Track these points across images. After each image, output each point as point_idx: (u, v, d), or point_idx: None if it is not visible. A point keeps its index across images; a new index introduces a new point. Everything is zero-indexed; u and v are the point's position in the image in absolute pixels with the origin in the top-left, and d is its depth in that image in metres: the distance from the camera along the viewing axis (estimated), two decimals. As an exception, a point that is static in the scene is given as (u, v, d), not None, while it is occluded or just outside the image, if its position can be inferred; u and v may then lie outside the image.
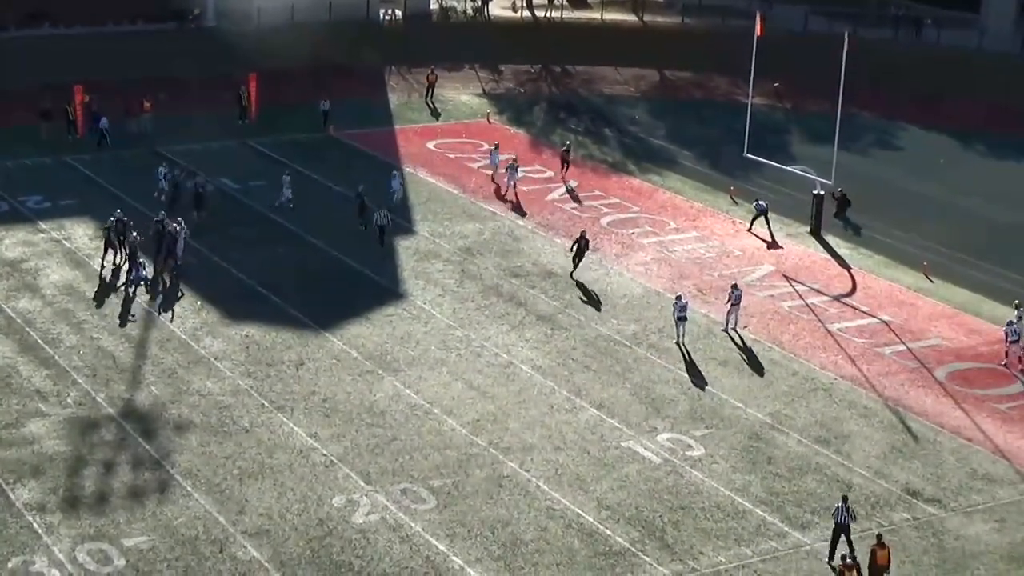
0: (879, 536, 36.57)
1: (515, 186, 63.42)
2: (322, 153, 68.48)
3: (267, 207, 60.53)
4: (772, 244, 59.54)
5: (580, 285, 54.63)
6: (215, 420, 43.38)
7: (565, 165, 66.79)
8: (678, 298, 50.03)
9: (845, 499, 37.96)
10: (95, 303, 50.87)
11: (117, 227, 53.88)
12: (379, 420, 43.80)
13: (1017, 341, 49.23)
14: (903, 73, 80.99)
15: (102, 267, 53.64)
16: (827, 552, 37.66)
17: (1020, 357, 49.21)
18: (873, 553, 36.08)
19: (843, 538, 37.50)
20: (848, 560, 36.02)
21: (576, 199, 63.90)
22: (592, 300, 53.29)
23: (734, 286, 51.25)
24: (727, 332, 50.69)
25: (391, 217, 57.60)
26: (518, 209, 61.95)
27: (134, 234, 53.43)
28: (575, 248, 55.23)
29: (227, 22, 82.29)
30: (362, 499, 39.38)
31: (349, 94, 75.45)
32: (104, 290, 52.04)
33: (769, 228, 60.74)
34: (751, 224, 61.02)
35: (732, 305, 50.88)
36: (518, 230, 59.90)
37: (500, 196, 63.34)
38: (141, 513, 38.30)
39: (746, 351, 49.50)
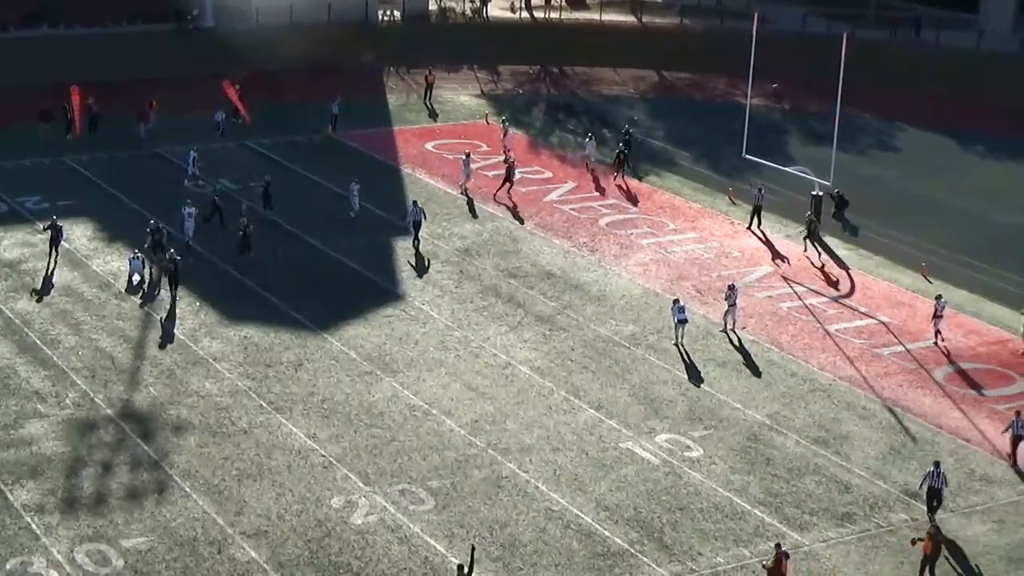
0: (933, 528, 37.27)
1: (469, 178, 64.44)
2: (321, 154, 68.42)
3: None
4: (767, 243, 59.67)
5: (627, 190, 64.25)
6: (213, 421, 43.37)
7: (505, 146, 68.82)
8: (675, 302, 50.08)
9: (937, 464, 39.70)
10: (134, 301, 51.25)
11: (155, 236, 53.84)
12: (378, 421, 43.79)
13: (942, 317, 50.42)
14: (901, 74, 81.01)
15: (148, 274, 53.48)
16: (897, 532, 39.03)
17: (938, 331, 50.60)
18: (934, 542, 36.95)
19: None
20: (931, 529, 37.16)
21: (510, 173, 64.49)
22: (631, 198, 60.51)
23: (731, 287, 51.28)
24: (725, 332, 50.70)
25: (424, 212, 58.10)
26: (514, 212, 62.05)
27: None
28: (618, 160, 65.24)
29: (226, 22, 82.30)
30: (361, 500, 39.37)
31: (347, 95, 75.40)
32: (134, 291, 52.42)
33: (760, 222, 60.90)
34: (750, 221, 61.09)
35: (729, 306, 50.90)
36: (517, 231, 59.88)
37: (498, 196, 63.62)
38: (139, 514, 38.29)
39: (744, 352, 49.51)
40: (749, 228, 60.93)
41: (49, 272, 53.20)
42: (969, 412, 45.87)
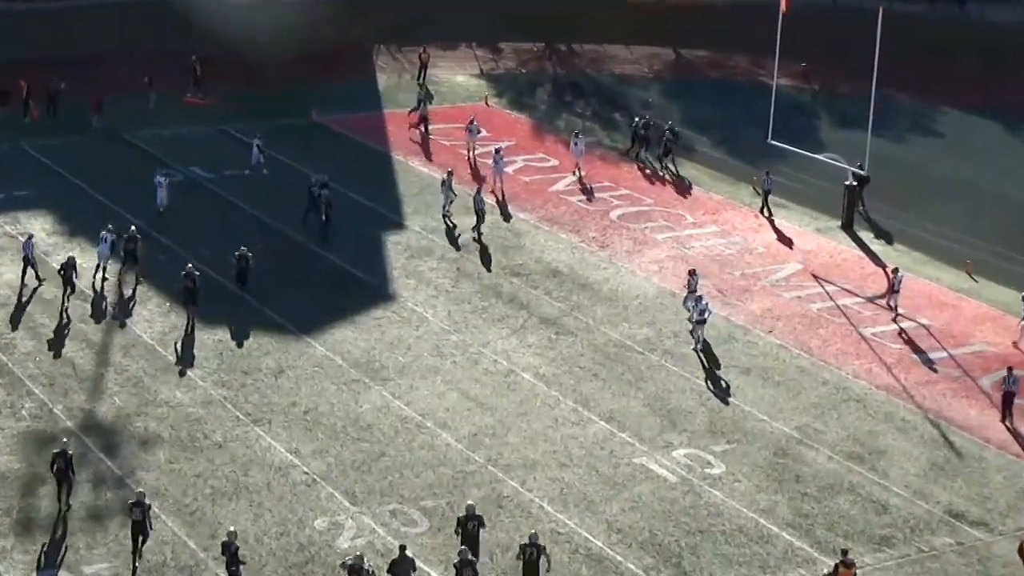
0: None
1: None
2: (303, 140, 68.40)
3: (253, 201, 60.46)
4: (777, 232, 59.92)
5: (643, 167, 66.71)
6: (185, 434, 43.30)
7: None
8: (699, 299, 50.04)
9: (1010, 369, 45.11)
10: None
11: (128, 244, 53.21)
12: (366, 434, 43.73)
13: (899, 292, 52.64)
14: (944, 51, 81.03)
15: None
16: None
17: (895, 306, 52.65)
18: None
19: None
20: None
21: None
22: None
23: (691, 272, 52.17)
24: (689, 321, 50.61)
25: (484, 203, 59.02)
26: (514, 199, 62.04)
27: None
28: (634, 140, 68.33)
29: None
30: (347, 521, 39.31)
31: (333, 75, 75.45)
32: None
33: (769, 211, 61.45)
34: (762, 207, 61.40)
35: (689, 292, 51.41)
36: (519, 224, 59.83)
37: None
38: (103, 537, 38.19)
39: (707, 344, 49.61)
40: (761, 213, 61.22)
41: (62, 320, 50.25)
42: (1021, 424, 45.65)
